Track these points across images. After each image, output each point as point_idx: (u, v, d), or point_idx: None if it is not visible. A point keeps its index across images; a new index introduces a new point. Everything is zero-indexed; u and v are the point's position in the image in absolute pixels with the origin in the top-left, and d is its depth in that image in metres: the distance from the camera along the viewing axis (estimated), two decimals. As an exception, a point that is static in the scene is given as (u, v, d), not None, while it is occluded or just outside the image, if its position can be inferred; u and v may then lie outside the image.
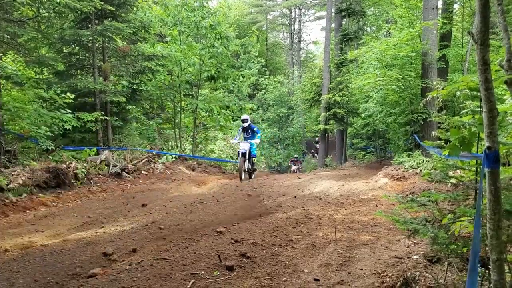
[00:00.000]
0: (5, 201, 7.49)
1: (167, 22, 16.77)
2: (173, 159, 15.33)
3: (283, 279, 3.95)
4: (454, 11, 17.96)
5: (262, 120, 34.72)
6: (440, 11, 16.36)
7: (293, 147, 35.38)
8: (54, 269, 4.36)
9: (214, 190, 10.72)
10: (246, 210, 7.34)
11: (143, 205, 7.96)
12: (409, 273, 3.66)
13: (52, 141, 10.96)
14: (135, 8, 15.09)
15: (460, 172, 3.79)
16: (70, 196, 8.84)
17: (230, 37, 17.32)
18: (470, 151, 3.13)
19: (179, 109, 17.76)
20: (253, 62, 31.53)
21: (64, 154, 11.22)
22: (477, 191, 3.20)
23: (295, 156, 28.21)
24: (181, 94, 17.46)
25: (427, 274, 3.71)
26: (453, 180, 3.47)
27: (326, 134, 26.72)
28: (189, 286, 3.80)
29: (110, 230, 6.02)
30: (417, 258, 4.32)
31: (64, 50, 14.29)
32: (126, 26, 13.18)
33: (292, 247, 4.98)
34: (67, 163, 10.27)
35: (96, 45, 13.76)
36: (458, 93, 3.49)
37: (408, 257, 4.42)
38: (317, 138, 40.63)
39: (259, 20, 46.92)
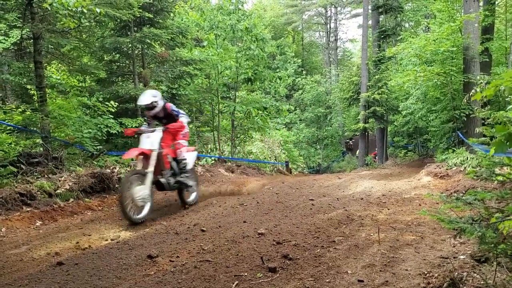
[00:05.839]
0: (54, 206, 7.75)
1: (204, 26, 16.98)
2: (213, 162, 15.47)
3: (327, 280, 3.93)
4: (496, 2, 17.38)
5: (300, 120, 34.65)
6: (481, 3, 15.90)
7: (332, 146, 35.15)
8: (102, 271, 4.48)
9: (253, 191, 10.75)
10: (287, 212, 7.34)
11: (184, 207, 8.08)
12: (456, 273, 3.57)
13: (96, 147, 11.25)
14: (172, 14, 15.33)
15: (508, 169, 3.68)
16: (114, 200, 9.04)
17: (266, 38, 17.34)
18: (517, 147, 3.04)
19: (217, 112, 17.93)
20: (289, 62, 31.57)
21: (108, 159, 11.49)
22: (526, 189, 3.10)
23: None
24: (219, 97, 17.62)
25: (475, 275, 3.61)
26: (500, 178, 3.37)
27: (366, 133, 26.42)
28: (232, 288, 3.84)
29: (154, 233, 6.14)
30: (464, 258, 4.21)
31: (105, 58, 14.71)
32: (164, 32, 13.40)
33: (335, 248, 4.94)
34: (111, 168, 10.51)
35: (136, 52, 14.06)
36: (502, 88, 3.38)
37: (454, 257, 4.32)
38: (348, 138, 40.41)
39: (294, 20, 46.94)
